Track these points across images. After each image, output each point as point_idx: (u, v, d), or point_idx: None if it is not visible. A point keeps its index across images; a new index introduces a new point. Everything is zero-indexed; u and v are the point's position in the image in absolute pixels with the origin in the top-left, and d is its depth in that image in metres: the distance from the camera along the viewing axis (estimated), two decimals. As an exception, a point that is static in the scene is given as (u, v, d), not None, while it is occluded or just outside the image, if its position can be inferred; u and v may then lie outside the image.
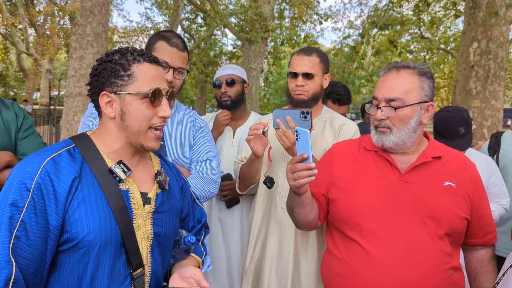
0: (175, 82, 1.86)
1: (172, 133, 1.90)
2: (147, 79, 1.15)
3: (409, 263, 1.39)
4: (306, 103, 1.99)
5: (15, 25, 13.50)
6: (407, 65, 1.49)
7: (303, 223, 1.61)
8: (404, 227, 1.42)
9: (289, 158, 2.01)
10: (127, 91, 1.14)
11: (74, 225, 1.08)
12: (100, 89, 1.17)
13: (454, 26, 16.50)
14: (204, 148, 1.95)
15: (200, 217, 1.49)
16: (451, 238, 1.45)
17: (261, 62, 10.34)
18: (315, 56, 2.01)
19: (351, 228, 1.51)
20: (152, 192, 1.24)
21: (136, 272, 1.16)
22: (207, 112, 16.40)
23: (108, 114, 1.17)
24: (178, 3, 14.07)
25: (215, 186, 1.92)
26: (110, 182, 1.14)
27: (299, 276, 1.94)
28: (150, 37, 1.93)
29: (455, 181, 1.47)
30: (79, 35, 6.35)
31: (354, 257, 1.47)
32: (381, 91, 1.48)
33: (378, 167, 1.53)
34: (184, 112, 2.00)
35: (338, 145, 1.71)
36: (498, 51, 5.71)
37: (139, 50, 1.19)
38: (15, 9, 18.30)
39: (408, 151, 1.52)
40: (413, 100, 1.45)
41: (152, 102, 1.16)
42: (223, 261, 2.43)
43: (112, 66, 1.15)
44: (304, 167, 1.34)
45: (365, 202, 1.49)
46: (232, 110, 2.51)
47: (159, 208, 1.25)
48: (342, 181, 1.57)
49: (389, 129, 1.47)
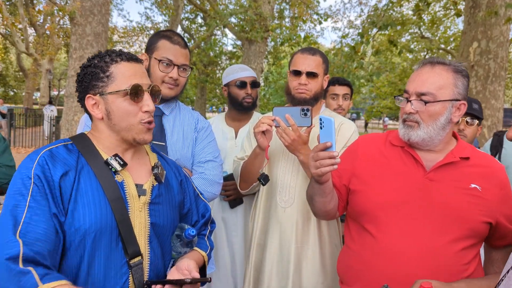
0: (180, 80, 1.87)
1: (174, 133, 1.89)
2: (125, 77, 1.20)
3: (426, 260, 1.38)
4: (307, 102, 1.99)
5: (15, 25, 13.50)
6: (442, 61, 1.45)
7: (322, 211, 1.61)
8: (423, 225, 1.41)
9: (289, 156, 2.01)
10: (108, 91, 1.20)
11: (70, 214, 1.12)
12: (85, 93, 1.23)
13: (454, 26, 16.51)
14: (206, 149, 1.94)
15: (204, 211, 1.52)
16: (472, 240, 1.42)
17: (261, 62, 10.33)
18: (318, 56, 2.02)
19: (369, 221, 1.50)
20: (148, 184, 1.28)
21: (133, 261, 1.19)
22: (207, 111, 16.41)
23: (96, 116, 1.23)
24: (178, 3, 14.07)
25: (217, 187, 1.92)
26: (106, 173, 1.20)
27: (300, 275, 1.94)
28: (151, 37, 1.93)
29: (482, 184, 1.43)
30: (79, 35, 6.34)
31: (369, 250, 1.46)
32: (412, 85, 1.44)
33: (403, 163, 1.50)
34: (187, 113, 1.99)
35: (363, 138, 1.70)
36: (498, 50, 5.71)
37: (117, 51, 1.24)
38: (15, 9, 18.29)
39: (435, 149, 1.48)
40: (445, 96, 1.41)
41: (133, 98, 1.21)
42: (227, 262, 2.43)
43: (92, 70, 1.21)
44: (327, 155, 1.33)
45: (386, 196, 1.47)
46: (245, 112, 2.53)
47: (156, 199, 1.28)
48: (365, 173, 1.55)
49: (417, 124, 1.44)
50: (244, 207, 2.42)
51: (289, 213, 1.97)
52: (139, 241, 1.21)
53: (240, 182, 2.12)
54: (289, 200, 1.98)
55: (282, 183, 2.01)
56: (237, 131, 2.55)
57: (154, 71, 1.83)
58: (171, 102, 1.94)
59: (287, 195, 1.99)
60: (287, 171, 2.02)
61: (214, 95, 18.35)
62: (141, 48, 19.96)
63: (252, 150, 2.03)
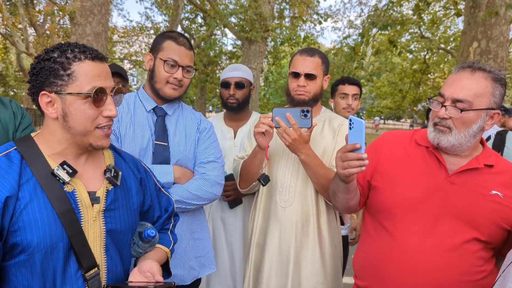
0: (184, 81, 1.87)
1: (176, 134, 1.89)
2: (88, 78, 1.10)
3: (440, 261, 1.39)
4: (306, 104, 1.99)
5: (15, 24, 13.49)
6: (483, 68, 1.42)
7: (344, 207, 1.63)
8: (440, 226, 1.42)
9: (289, 156, 2.01)
10: (68, 91, 1.09)
11: (18, 232, 1.05)
12: (39, 88, 1.12)
13: (454, 25, 16.50)
14: (208, 149, 1.94)
15: (167, 206, 1.47)
16: (489, 245, 1.43)
17: (261, 62, 10.33)
18: (317, 57, 2.01)
19: (387, 218, 1.51)
20: (101, 190, 1.20)
21: (89, 273, 1.14)
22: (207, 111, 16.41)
23: (50, 115, 1.12)
24: (178, 3, 14.06)
25: (219, 188, 1.92)
26: (54, 185, 1.10)
27: (300, 275, 1.94)
28: (156, 37, 1.94)
29: (504, 191, 1.42)
30: (79, 35, 6.34)
31: (385, 247, 1.48)
32: (449, 89, 1.41)
33: (426, 163, 1.50)
34: (189, 113, 1.99)
35: (389, 134, 1.70)
36: (498, 50, 5.71)
37: (80, 46, 1.13)
38: (15, 9, 18.29)
39: (461, 154, 1.48)
40: (481, 105, 1.39)
41: (95, 102, 1.11)
42: (226, 262, 2.43)
43: (50, 65, 1.09)
44: (355, 157, 1.32)
45: (406, 194, 1.47)
46: (237, 112, 2.51)
47: (111, 205, 1.21)
48: (388, 170, 1.56)
49: (449, 129, 1.42)
50: (244, 207, 2.42)
51: (289, 213, 1.97)
52: (94, 252, 1.15)
53: (240, 182, 2.12)
54: (289, 200, 1.98)
55: (282, 183, 2.01)
56: (236, 131, 2.55)
57: (158, 71, 1.84)
58: (174, 102, 1.94)
59: (287, 195, 1.99)
60: (287, 171, 2.02)
61: (214, 95, 18.34)
62: (141, 48, 19.95)
63: (251, 149, 2.03)
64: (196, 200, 1.83)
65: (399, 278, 1.43)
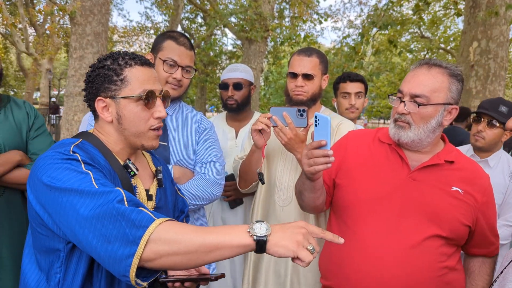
0: (183, 81, 1.87)
1: (177, 134, 1.89)
2: (139, 82, 1.18)
3: (402, 258, 1.40)
4: (305, 104, 2.00)
5: (15, 24, 13.50)
6: (439, 64, 1.46)
7: (311, 207, 1.62)
8: (403, 223, 1.43)
9: (287, 156, 2.02)
10: (121, 95, 1.17)
11: None
12: (95, 95, 1.19)
13: (454, 25, 16.51)
14: (209, 149, 1.94)
15: (183, 207, 1.51)
16: (451, 241, 1.45)
17: (261, 62, 10.34)
18: (315, 57, 2.01)
19: (349, 216, 1.51)
20: (153, 188, 1.29)
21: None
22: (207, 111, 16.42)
23: (105, 119, 1.19)
24: (178, 3, 14.07)
25: (219, 188, 1.91)
26: (126, 176, 1.19)
27: (298, 274, 1.94)
28: (157, 37, 1.93)
29: (464, 187, 1.45)
30: (79, 34, 6.34)
31: (348, 245, 1.46)
32: (407, 85, 1.45)
33: (389, 160, 1.52)
34: (190, 113, 1.99)
35: (353, 133, 1.71)
36: (498, 50, 5.72)
37: (130, 54, 1.22)
38: (15, 8, 18.29)
39: (422, 150, 1.50)
40: (439, 100, 1.42)
41: (146, 104, 1.18)
42: (226, 262, 2.43)
43: (105, 72, 1.17)
44: (321, 153, 1.33)
45: (369, 191, 1.49)
46: (237, 113, 2.52)
47: (159, 203, 1.30)
48: (351, 168, 1.57)
49: (408, 125, 1.45)
50: (244, 207, 2.42)
51: (287, 212, 1.98)
52: None
53: (239, 181, 2.13)
54: (287, 199, 1.99)
55: (280, 182, 2.01)
56: (238, 131, 2.55)
57: (158, 71, 1.83)
58: (175, 102, 1.94)
59: (285, 194, 2.00)
60: (285, 170, 2.03)
61: (214, 94, 18.36)
62: (141, 48, 19.96)
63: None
64: (196, 200, 1.83)
65: (360, 277, 1.43)
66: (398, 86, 10.86)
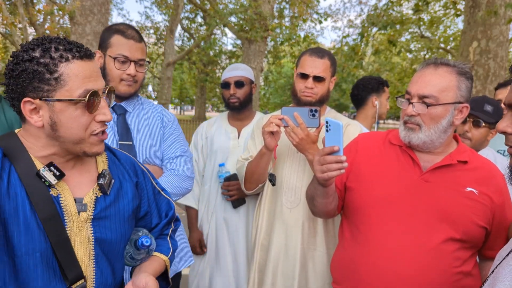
0: (138, 76, 1.79)
1: (140, 132, 1.83)
2: (79, 80, 0.97)
3: (414, 261, 1.37)
4: (313, 105, 1.97)
5: (14, 24, 13.48)
6: (446, 62, 1.42)
7: (323, 212, 1.60)
8: (415, 225, 1.40)
9: (295, 157, 2.00)
10: (56, 97, 0.96)
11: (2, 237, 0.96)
12: (21, 94, 0.97)
13: (454, 25, 16.49)
14: (175, 144, 1.89)
15: (167, 210, 1.36)
16: (465, 244, 1.40)
17: (261, 62, 10.34)
18: (327, 59, 1.98)
19: (360, 219, 1.49)
20: (89, 196, 1.09)
21: (75, 286, 1.04)
22: (207, 111, 16.39)
23: (35, 124, 0.99)
24: (178, 2, 14.06)
25: (190, 182, 1.87)
26: (39, 187, 0.99)
27: (306, 276, 1.92)
28: (103, 32, 1.82)
29: (478, 188, 1.41)
30: (79, 34, 6.34)
31: (360, 248, 1.46)
32: (415, 86, 1.42)
33: (400, 162, 1.49)
34: (150, 108, 1.92)
35: (363, 135, 1.69)
36: (498, 50, 5.72)
37: (64, 42, 0.99)
38: (15, 8, 18.27)
39: (434, 151, 1.47)
40: (448, 99, 1.39)
41: (88, 107, 0.99)
42: (229, 262, 2.42)
43: (33, 68, 0.95)
44: (334, 159, 1.29)
45: (380, 194, 1.46)
46: (240, 111, 2.51)
47: (101, 213, 1.10)
48: (362, 170, 1.55)
49: (419, 126, 1.42)
50: (247, 207, 2.42)
51: (295, 214, 1.95)
52: (81, 262, 1.05)
53: (245, 183, 2.09)
54: (295, 201, 1.96)
55: (288, 184, 1.98)
56: (240, 131, 2.54)
57: (110, 69, 1.74)
58: (133, 98, 1.87)
59: (293, 196, 1.97)
60: (293, 171, 2.00)
61: (214, 94, 18.36)
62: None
63: (256, 150, 2.01)
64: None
65: (374, 280, 1.41)
66: (397, 86, 10.96)
